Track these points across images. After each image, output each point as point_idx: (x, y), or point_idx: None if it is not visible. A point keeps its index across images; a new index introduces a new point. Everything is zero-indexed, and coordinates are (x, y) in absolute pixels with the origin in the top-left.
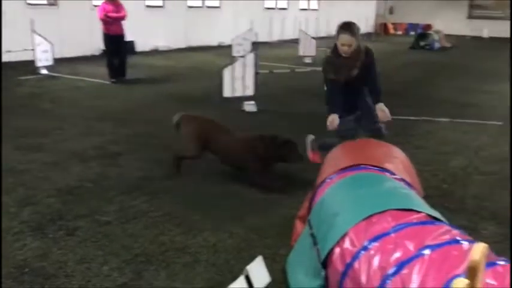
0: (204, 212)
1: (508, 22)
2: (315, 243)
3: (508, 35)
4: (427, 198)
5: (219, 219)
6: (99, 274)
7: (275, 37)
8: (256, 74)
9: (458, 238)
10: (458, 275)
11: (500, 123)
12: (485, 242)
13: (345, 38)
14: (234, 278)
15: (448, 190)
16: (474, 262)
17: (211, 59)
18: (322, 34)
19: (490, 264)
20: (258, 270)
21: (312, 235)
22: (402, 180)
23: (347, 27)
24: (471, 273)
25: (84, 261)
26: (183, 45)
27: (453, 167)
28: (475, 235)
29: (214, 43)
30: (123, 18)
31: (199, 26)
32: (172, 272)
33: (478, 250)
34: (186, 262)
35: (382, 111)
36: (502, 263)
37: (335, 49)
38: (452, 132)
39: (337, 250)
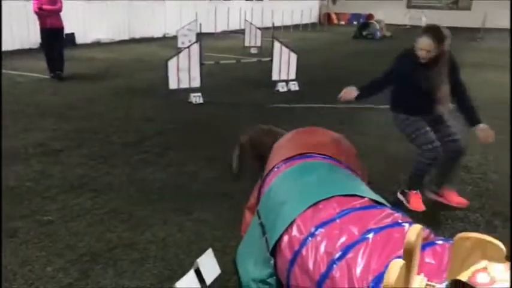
0: (151, 206)
1: (446, 11)
2: (263, 232)
3: (447, 24)
4: (372, 183)
5: (167, 213)
6: (43, 276)
7: (220, 28)
8: (202, 65)
9: (399, 221)
10: (399, 257)
11: None
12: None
13: (424, 42)
14: (184, 272)
15: (392, 175)
16: (410, 243)
17: (155, 50)
18: (268, 24)
19: (430, 243)
20: (208, 262)
21: (261, 225)
22: (347, 167)
23: (429, 30)
24: (407, 254)
25: (26, 264)
26: (126, 37)
27: (394, 152)
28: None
29: (159, 34)
30: (59, 10)
31: (143, 17)
32: (120, 269)
33: (414, 232)
34: (134, 259)
35: (483, 131)
36: (440, 242)
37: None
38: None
39: (285, 238)
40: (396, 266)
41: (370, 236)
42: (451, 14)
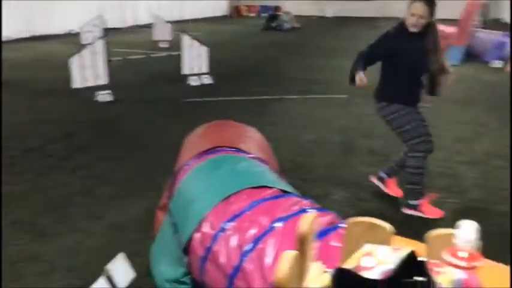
0: (57, 214)
1: (350, 1)
2: (176, 231)
3: (350, 14)
4: (284, 172)
5: (75, 220)
6: None
7: (128, 22)
8: (109, 61)
9: (306, 208)
10: None
11: (344, 96)
12: (335, 206)
13: (417, 6)
14: (95, 281)
15: (302, 162)
16: (302, 233)
17: (58, 48)
18: (178, 18)
19: (334, 228)
20: (120, 267)
21: (173, 223)
22: (257, 158)
23: None
24: (300, 243)
25: None
26: (25, 35)
27: (306, 140)
28: (327, 201)
29: (63, 31)
30: None
31: (43, 13)
32: (23, 285)
33: (306, 221)
34: (40, 271)
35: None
36: (343, 225)
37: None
38: (303, 107)
39: (197, 235)
40: (286, 257)
41: (279, 225)
42: (354, 4)
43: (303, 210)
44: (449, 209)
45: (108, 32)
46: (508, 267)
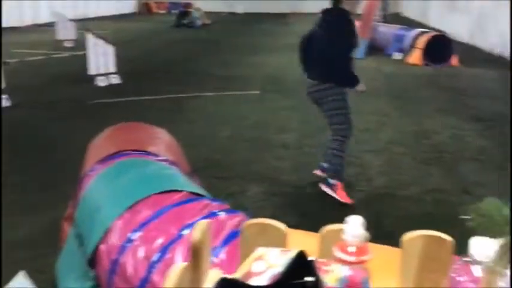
0: None
1: None
2: (81, 243)
3: (261, 10)
4: (200, 170)
5: None
6: None
7: (26, 22)
8: (4, 63)
9: (215, 210)
10: (217, 247)
11: (257, 92)
12: (250, 203)
13: None
14: None
15: (219, 159)
16: (195, 242)
17: None
18: (82, 16)
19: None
20: (21, 286)
21: (78, 235)
22: (166, 160)
23: None
24: (194, 253)
25: None
26: None
27: (222, 137)
28: (242, 199)
29: None
30: None
31: None
32: None
33: (199, 229)
34: None
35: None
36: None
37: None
38: (218, 104)
39: (102, 247)
40: (175, 270)
41: (187, 232)
42: (265, 0)
43: (213, 214)
44: (358, 197)
45: (5, 31)
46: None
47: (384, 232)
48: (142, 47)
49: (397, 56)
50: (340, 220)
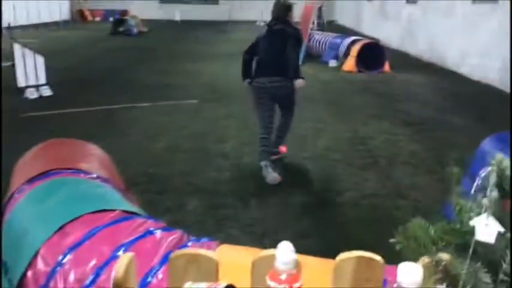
0: None
1: (197, 6)
2: (6, 271)
3: (198, 18)
4: (136, 186)
5: None
6: None
7: None
8: None
9: (151, 229)
10: (154, 267)
11: (195, 101)
12: (190, 217)
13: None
14: None
15: (156, 173)
16: (117, 279)
17: None
18: (12, 24)
19: (183, 246)
20: None
21: (4, 263)
22: (99, 178)
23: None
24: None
25: None
26: None
27: (159, 149)
28: (182, 213)
29: None
30: None
31: None
32: None
33: (121, 265)
34: None
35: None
36: (190, 244)
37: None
38: (155, 115)
39: (29, 274)
40: None
41: (121, 252)
42: (201, 8)
43: (149, 232)
44: (297, 204)
45: None
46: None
47: (323, 241)
48: (76, 56)
49: (333, 63)
50: (283, 229)
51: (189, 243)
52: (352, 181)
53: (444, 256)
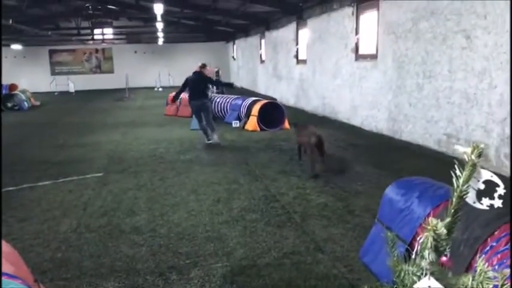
0: None
1: (91, 75)
2: None
3: (94, 87)
4: (44, 275)
5: None
6: None
7: None
8: None
9: None
10: None
11: (100, 174)
12: None
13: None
14: None
15: (64, 258)
16: None
17: None
18: None
19: None
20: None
21: None
22: (5, 274)
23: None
24: None
25: None
26: None
27: (64, 231)
28: None
29: None
30: None
31: None
32: None
33: None
34: None
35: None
36: None
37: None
38: (57, 194)
39: None
40: None
41: None
42: (96, 77)
43: None
44: (219, 274)
45: None
46: None
47: None
48: None
49: (236, 124)
50: None
51: None
52: (272, 240)
53: None
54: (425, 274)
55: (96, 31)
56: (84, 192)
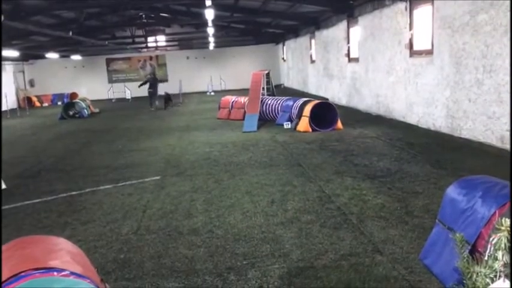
0: None
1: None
2: None
3: (146, 94)
4: (108, 275)
5: None
6: None
7: None
8: None
9: None
10: None
11: (157, 177)
12: None
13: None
14: None
15: (126, 258)
16: None
17: None
18: None
19: None
20: None
21: None
22: (72, 274)
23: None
24: None
25: None
26: None
27: (126, 233)
28: None
29: None
30: None
31: None
32: None
33: None
34: None
35: None
36: None
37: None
38: (118, 197)
39: None
40: None
41: None
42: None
43: None
44: (277, 275)
45: None
46: None
47: None
48: (28, 144)
49: (288, 125)
50: None
51: None
52: (328, 242)
53: None
54: (500, 276)
55: (150, 39)
56: (143, 195)
